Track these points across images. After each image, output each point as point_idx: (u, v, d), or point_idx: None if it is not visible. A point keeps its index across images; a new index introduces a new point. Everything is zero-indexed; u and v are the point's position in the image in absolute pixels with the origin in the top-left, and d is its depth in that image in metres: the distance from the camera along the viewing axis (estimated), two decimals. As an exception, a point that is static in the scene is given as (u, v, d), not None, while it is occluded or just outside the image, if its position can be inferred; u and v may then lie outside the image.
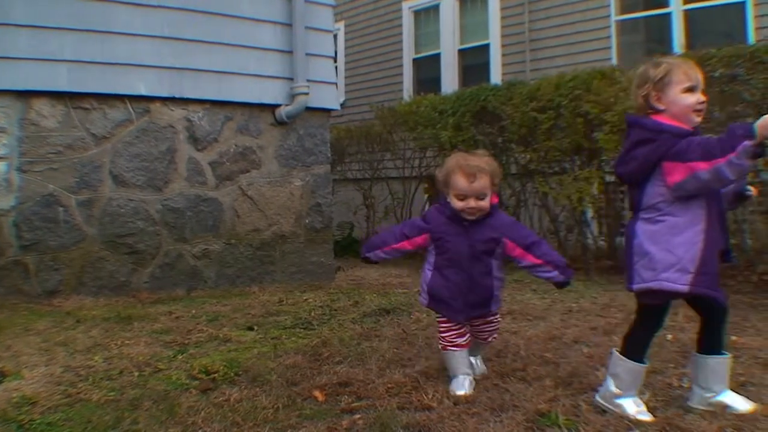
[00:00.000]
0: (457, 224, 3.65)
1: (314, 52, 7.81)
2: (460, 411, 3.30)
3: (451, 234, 3.65)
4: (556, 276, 3.64)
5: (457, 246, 3.64)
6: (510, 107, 8.85)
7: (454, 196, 3.58)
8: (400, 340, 4.66)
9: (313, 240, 7.78)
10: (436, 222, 3.72)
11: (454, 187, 3.57)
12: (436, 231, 3.70)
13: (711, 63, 7.15)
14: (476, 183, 3.52)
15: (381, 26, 15.30)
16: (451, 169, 3.60)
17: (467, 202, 3.56)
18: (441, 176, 3.69)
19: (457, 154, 3.72)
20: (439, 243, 3.69)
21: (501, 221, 3.72)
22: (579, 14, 11.66)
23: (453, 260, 3.66)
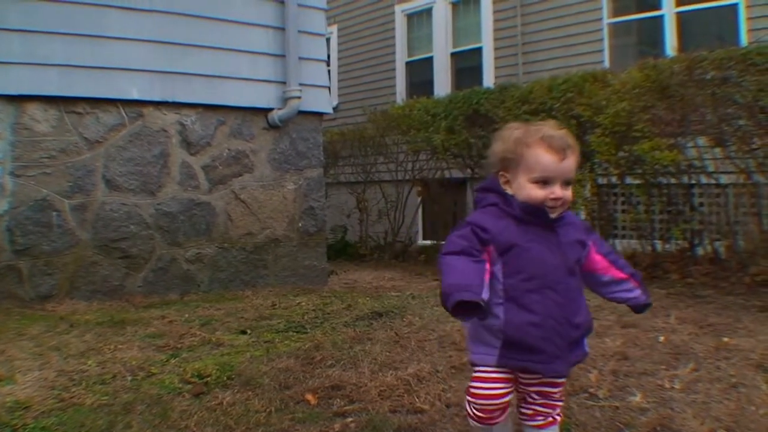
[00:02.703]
0: (534, 224, 2.51)
1: (307, 56, 7.82)
2: (452, 413, 3.33)
3: (529, 239, 2.48)
4: (639, 296, 2.68)
5: (544, 255, 2.48)
6: (502, 110, 8.89)
7: (530, 181, 2.46)
8: (392, 343, 4.67)
9: (306, 243, 7.79)
10: (498, 226, 2.48)
11: (532, 167, 2.46)
12: (504, 239, 2.46)
13: (703, 65, 7.19)
14: (567, 162, 2.46)
15: (374, 29, 15.33)
16: (525, 142, 2.48)
17: (552, 189, 2.46)
18: (501, 152, 2.55)
19: (519, 124, 2.60)
20: (511, 257, 2.47)
21: (574, 218, 2.69)
22: (571, 17, 11.70)
23: (538, 279, 2.46)
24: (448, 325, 5.09)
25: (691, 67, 7.30)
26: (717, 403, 3.42)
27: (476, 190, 2.73)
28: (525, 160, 2.47)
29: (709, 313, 5.64)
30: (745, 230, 7.75)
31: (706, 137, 7.43)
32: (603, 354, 4.34)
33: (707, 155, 7.52)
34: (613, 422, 3.20)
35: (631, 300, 2.69)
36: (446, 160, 10.17)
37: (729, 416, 3.22)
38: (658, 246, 8.10)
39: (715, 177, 7.84)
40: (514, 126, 2.59)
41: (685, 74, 7.31)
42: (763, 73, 6.83)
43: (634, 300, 2.69)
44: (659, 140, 7.29)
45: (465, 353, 4.33)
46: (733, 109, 7.13)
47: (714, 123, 7.28)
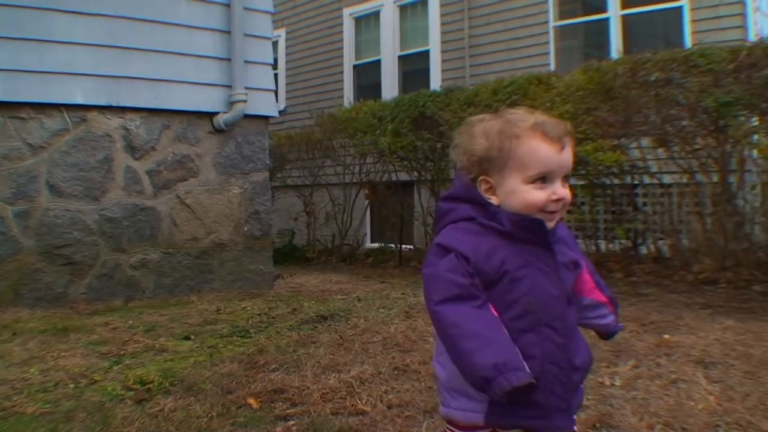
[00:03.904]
0: (528, 242, 1.94)
1: (253, 60, 7.81)
2: (394, 414, 3.37)
3: (522, 264, 1.92)
4: (611, 322, 2.21)
5: (541, 285, 1.94)
6: (448, 113, 8.96)
7: (526, 181, 1.91)
8: (336, 346, 4.70)
9: (252, 248, 7.78)
10: (480, 250, 1.90)
11: (526, 163, 1.90)
12: (491, 268, 1.90)
13: (646, 67, 7.33)
14: (566, 152, 1.93)
15: (322, 33, 15.32)
16: (513, 133, 1.92)
17: (554, 188, 1.91)
18: (482, 151, 1.95)
19: (493, 115, 2.04)
20: (499, 290, 1.91)
21: (564, 230, 2.12)
22: (518, 20, 11.79)
23: (533, 315, 1.91)
24: (392, 327, 5.15)
25: (634, 69, 7.43)
26: (656, 398, 3.50)
27: (442, 199, 2.07)
28: (516, 157, 1.91)
29: (652, 311, 5.75)
30: (688, 229, 7.91)
31: (650, 138, 7.56)
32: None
33: (650, 156, 7.66)
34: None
35: (602, 327, 2.20)
36: (393, 162, 10.22)
37: (668, 412, 3.30)
38: (602, 246, 8.23)
39: (658, 177, 7.99)
40: (488, 117, 2.03)
41: (628, 76, 7.45)
42: (705, 74, 6.98)
43: (604, 327, 2.20)
44: (603, 141, 7.40)
45: (409, 355, 4.40)
46: (676, 110, 7.27)
47: (657, 124, 7.41)
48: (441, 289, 1.87)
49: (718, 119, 7.01)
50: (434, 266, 1.91)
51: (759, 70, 6.84)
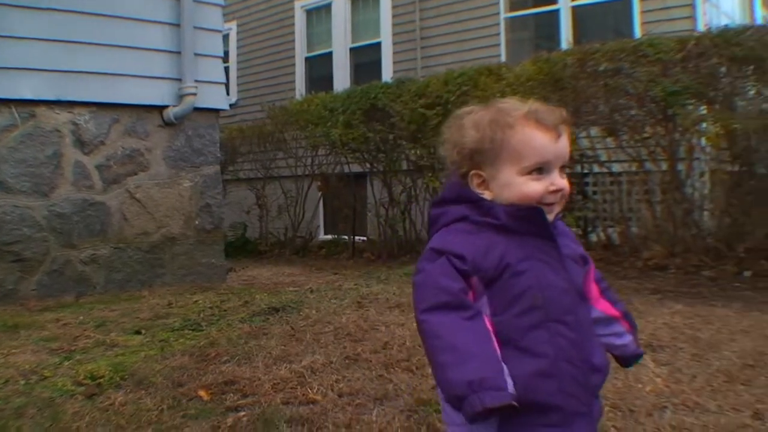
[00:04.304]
0: (528, 234, 1.81)
1: (203, 52, 7.77)
2: (344, 403, 3.41)
3: (523, 257, 1.78)
4: (629, 344, 2.03)
5: (546, 277, 1.79)
6: (399, 104, 9.01)
7: (521, 173, 1.79)
8: (287, 337, 4.71)
9: (204, 241, 7.74)
10: (477, 248, 1.76)
11: (521, 153, 1.79)
12: (490, 265, 1.75)
13: (595, 57, 7.43)
14: (563, 140, 1.81)
15: (273, 25, 15.25)
16: (506, 123, 1.80)
17: (551, 178, 1.80)
18: (473, 143, 1.82)
19: (480, 106, 1.91)
20: (500, 286, 1.76)
21: (564, 226, 1.97)
22: (469, 12, 11.86)
23: (541, 310, 1.76)
24: (344, 317, 5.18)
25: (583, 60, 7.55)
26: (605, 381, 3.57)
27: (432, 205, 1.94)
28: (510, 147, 1.79)
29: (602, 297, 5.83)
30: (638, 217, 8.05)
31: (599, 127, 7.67)
32: (494, 340, 4.46)
33: (600, 145, 7.77)
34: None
35: (620, 348, 2.02)
36: (345, 154, 10.25)
37: (615, 394, 3.36)
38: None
39: (608, 166, 8.11)
40: (477, 109, 1.90)
41: (577, 66, 7.56)
42: (653, 64, 7.11)
43: (622, 349, 2.02)
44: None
45: (360, 344, 4.44)
46: (625, 100, 7.41)
47: (606, 113, 7.53)
48: (428, 297, 1.72)
49: (666, 108, 7.14)
50: (424, 272, 1.77)
51: (707, 60, 7.00)
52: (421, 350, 4.29)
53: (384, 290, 6.31)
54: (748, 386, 3.59)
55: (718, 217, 7.52)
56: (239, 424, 3.20)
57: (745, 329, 4.75)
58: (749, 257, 7.01)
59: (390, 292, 6.18)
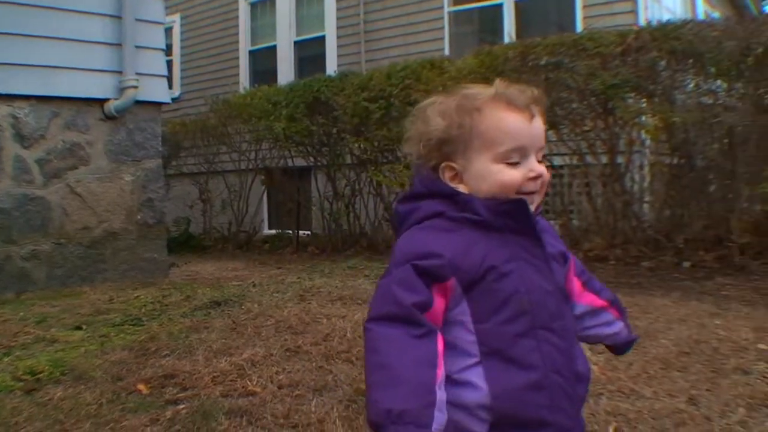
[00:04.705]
0: (510, 231, 1.65)
1: (144, 45, 7.70)
2: (284, 394, 3.44)
3: (508, 257, 1.63)
4: (621, 331, 1.95)
5: (532, 279, 1.64)
6: (342, 97, 9.05)
7: (496, 160, 1.63)
8: (229, 331, 4.71)
9: (146, 236, 7.68)
10: (456, 246, 1.59)
11: (494, 138, 1.63)
12: (471, 264, 1.59)
13: (536, 51, 7.53)
14: (537, 122, 1.66)
15: (217, 18, 15.16)
16: (474, 106, 1.66)
17: (530, 164, 1.64)
18: (441, 132, 1.67)
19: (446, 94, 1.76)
20: (483, 290, 1.59)
21: (543, 220, 1.84)
22: (413, 5, 11.93)
23: (529, 316, 1.60)
24: (285, 310, 5.18)
25: (524, 53, 7.64)
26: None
27: (399, 202, 1.78)
28: (480, 133, 1.63)
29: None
30: (579, 209, 8.17)
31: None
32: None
33: (538, 137, 7.84)
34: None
35: (611, 337, 1.94)
36: (289, 148, 10.25)
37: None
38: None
39: (549, 159, 8.20)
40: (440, 98, 1.75)
41: (518, 60, 7.65)
42: (593, 57, 7.21)
43: (614, 337, 1.94)
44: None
45: (301, 337, 4.46)
46: (566, 93, 7.49)
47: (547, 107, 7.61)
48: (379, 304, 1.57)
49: (606, 101, 7.26)
50: (389, 276, 1.60)
51: (646, 53, 7.11)
52: (360, 341, 4.33)
53: (327, 283, 6.33)
54: (684, 373, 3.70)
55: (657, 209, 7.67)
56: (178, 417, 3.20)
57: (683, 318, 4.88)
58: (688, 248, 7.15)
59: (333, 286, 6.20)
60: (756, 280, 6.29)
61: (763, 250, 6.86)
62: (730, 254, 6.86)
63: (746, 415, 3.13)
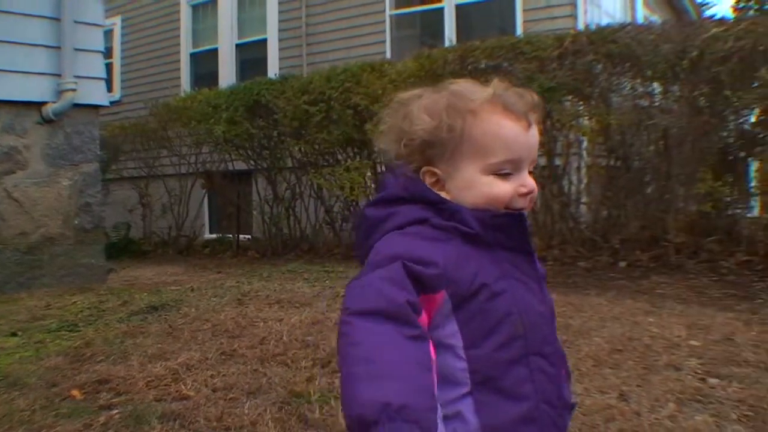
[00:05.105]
0: (496, 246, 1.48)
1: (83, 47, 7.63)
2: (217, 397, 3.47)
3: (500, 275, 1.46)
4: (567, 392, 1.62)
5: (525, 300, 1.48)
6: (283, 100, 9.07)
7: (486, 171, 1.47)
8: (165, 335, 4.72)
9: (83, 241, 7.61)
10: (449, 255, 1.42)
11: (487, 147, 1.47)
12: (465, 277, 1.42)
13: (475, 55, 7.62)
14: (533, 131, 1.52)
15: (158, 20, 15.05)
16: (468, 109, 1.48)
17: (521, 178, 1.50)
18: (427, 132, 1.49)
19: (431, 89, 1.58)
20: (474, 310, 1.41)
21: None
22: (355, 9, 11.98)
23: (522, 341, 1.44)
24: (222, 314, 5.21)
25: (464, 57, 7.73)
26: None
27: (371, 205, 1.56)
28: (472, 139, 1.47)
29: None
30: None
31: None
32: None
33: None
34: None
35: None
36: (229, 151, 10.24)
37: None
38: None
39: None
40: (424, 92, 1.57)
41: (457, 63, 7.74)
42: (531, 61, 7.34)
43: None
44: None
45: (237, 340, 4.49)
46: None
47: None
48: (363, 299, 1.33)
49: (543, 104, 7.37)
50: (367, 274, 1.38)
51: (583, 57, 7.24)
52: (297, 343, 4.39)
53: (265, 287, 6.36)
54: (616, 369, 3.81)
55: (594, 210, 7.81)
56: (111, 422, 3.22)
57: (616, 316, 5.01)
58: (624, 248, 7.29)
59: (271, 289, 6.23)
60: (691, 279, 6.46)
61: (698, 250, 7.03)
62: (665, 253, 7.01)
63: (676, 410, 3.23)
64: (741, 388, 3.47)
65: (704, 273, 6.63)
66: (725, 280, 6.39)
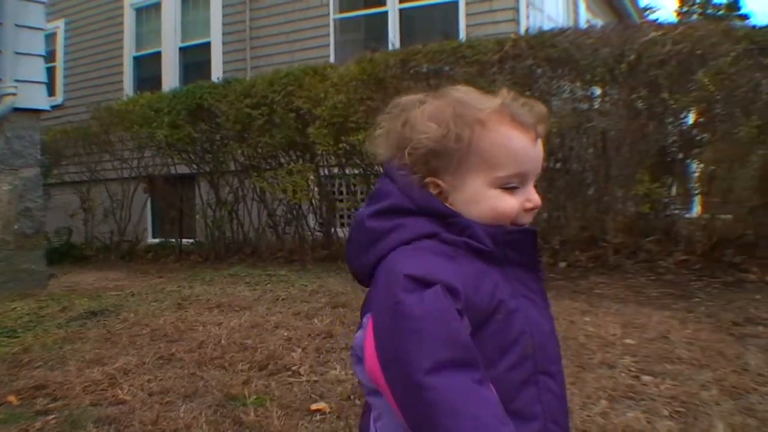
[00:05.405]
0: (505, 262, 1.44)
1: (24, 51, 7.57)
2: (154, 401, 3.52)
3: (512, 292, 1.42)
4: None
5: (531, 317, 1.44)
6: (225, 104, 9.06)
7: (493, 185, 1.43)
8: (103, 340, 4.74)
9: (23, 246, 7.55)
10: (466, 277, 1.35)
11: (496, 160, 1.42)
12: (483, 300, 1.36)
13: (417, 59, 7.70)
14: (539, 144, 1.47)
15: (102, 24, 14.87)
16: (477, 119, 1.43)
17: (527, 192, 1.46)
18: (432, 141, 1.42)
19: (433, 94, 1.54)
20: (490, 329, 1.36)
21: None
22: (299, 12, 11.98)
23: (532, 360, 1.42)
24: (161, 319, 5.25)
25: (405, 61, 7.80)
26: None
27: (372, 216, 1.44)
28: (481, 151, 1.41)
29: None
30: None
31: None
32: (310, 334, 4.68)
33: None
34: (309, 394, 3.51)
35: None
36: (171, 155, 10.18)
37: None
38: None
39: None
40: (426, 98, 1.52)
41: (399, 67, 7.80)
42: (471, 65, 7.42)
43: None
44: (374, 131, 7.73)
45: (175, 345, 4.53)
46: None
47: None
48: (430, 348, 1.22)
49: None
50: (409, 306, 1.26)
51: (522, 61, 7.32)
52: (235, 347, 4.44)
53: (206, 291, 6.39)
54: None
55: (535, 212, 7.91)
56: (47, 427, 3.25)
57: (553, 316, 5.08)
58: (564, 249, 7.39)
59: (212, 293, 6.27)
60: (629, 278, 6.58)
61: (636, 250, 7.14)
62: (604, 254, 7.12)
63: (608, 407, 3.33)
64: (673, 385, 3.57)
65: (642, 273, 6.75)
66: (663, 279, 6.51)
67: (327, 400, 3.46)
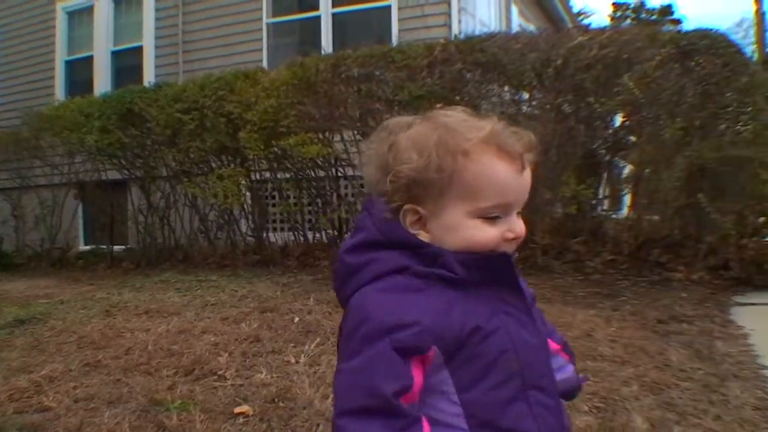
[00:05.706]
0: (482, 285, 1.43)
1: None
2: (78, 407, 3.58)
3: (490, 313, 1.42)
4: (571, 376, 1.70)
5: (513, 334, 1.43)
6: (156, 109, 9.04)
7: (473, 215, 1.41)
8: (30, 348, 4.77)
9: (-49, 254, 7.51)
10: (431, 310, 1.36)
11: (478, 190, 1.40)
12: (453, 331, 1.37)
13: (347, 63, 7.78)
14: (526, 174, 1.44)
15: (33, 27, 14.70)
16: (461, 148, 1.40)
17: (509, 222, 1.44)
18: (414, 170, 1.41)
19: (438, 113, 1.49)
20: (467, 355, 1.38)
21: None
22: (232, 16, 12.01)
23: (519, 377, 1.41)
24: (89, 326, 5.28)
25: (336, 65, 7.88)
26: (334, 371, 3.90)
27: (348, 251, 1.47)
28: (463, 181, 1.40)
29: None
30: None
31: (353, 131, 8.01)
32: (237, 338, 4.75)
33: (354, 149, 8.06)
34: (234, 398, 3.58)
35: (562, 383, 1.60)
36: (102, 161, 10.12)
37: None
38: (309, 236, 8.65)
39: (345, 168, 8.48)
40: (413, 121, 1.50)
41: (330, 72, 7.87)
42: (401, 69, 7.54)
43: (564, 382, 1.63)
44: (305, 135, 7.84)
45: (102, 351, 4.58)
46: (378, 104, 7.72)
47: (359, 117, 7.87)
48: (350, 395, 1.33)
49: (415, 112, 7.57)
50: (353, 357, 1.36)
51: (451, 65, 7.43)
52: (161, 352, 4.50)
53: (135, 298, 6.42)
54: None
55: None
56: (-31, 437, 3.29)
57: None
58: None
59: (141, 300, 6.30)
60: (557, 279, 6.72)
61: (564, 250, 7.26)
62: (533, 255, 7.18)
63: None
64: (595, 382, 3.65)
65: (570, 273, 6.88)
66: (590, 279, 6.64)
67: (251, 403, 3.53)
